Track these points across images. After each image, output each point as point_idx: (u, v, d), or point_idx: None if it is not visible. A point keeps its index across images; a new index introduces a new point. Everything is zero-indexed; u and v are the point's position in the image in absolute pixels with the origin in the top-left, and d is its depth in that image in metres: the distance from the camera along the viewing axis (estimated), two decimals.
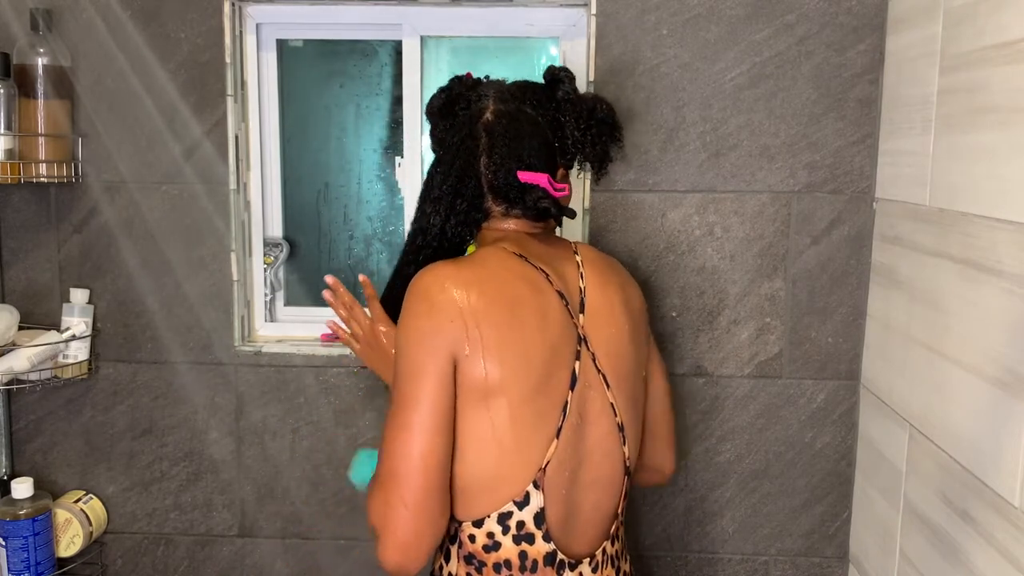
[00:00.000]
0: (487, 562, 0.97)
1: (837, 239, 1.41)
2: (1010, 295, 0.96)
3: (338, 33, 1.55)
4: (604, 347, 1.03)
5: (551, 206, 1.04)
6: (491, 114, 1.05)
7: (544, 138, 1.06)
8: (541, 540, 0.96)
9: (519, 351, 0.94)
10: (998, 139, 0.99)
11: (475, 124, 1.05)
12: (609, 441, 1.02)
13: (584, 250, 1.10)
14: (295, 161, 1.60)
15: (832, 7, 1.36)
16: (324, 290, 1.19)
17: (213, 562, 1.54)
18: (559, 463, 0.96)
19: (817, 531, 1.48)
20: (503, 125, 1.04)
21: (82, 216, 1.46)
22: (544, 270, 1.01)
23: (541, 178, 1.03)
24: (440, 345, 0.92)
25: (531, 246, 1.04)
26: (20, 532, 1.37)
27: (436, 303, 0.93)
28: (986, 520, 1.00)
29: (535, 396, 0.95)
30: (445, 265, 0.97)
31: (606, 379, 1.02)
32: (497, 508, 0.95)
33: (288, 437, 1.50)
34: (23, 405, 1.51)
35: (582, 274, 1.06)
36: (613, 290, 1.07)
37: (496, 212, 1.06)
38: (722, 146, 1.40)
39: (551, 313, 0.98)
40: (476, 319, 0.93)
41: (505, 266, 0.99)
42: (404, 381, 0.93)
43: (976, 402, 1.03)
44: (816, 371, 1.44)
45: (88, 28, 1.42)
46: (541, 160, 1.04)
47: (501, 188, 1.03)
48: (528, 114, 1.07)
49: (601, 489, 1.02)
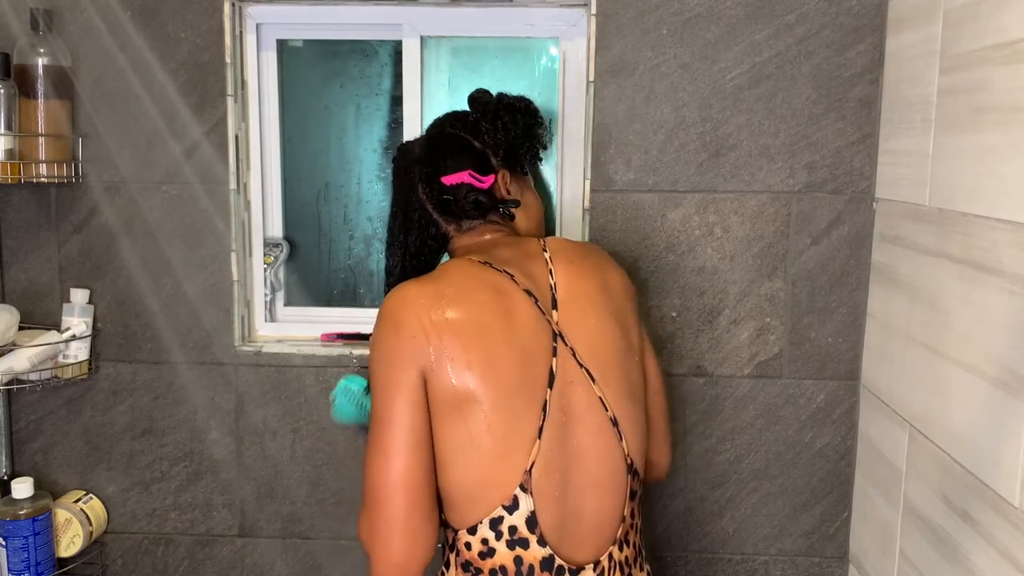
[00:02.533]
0: (483, 569, 0.97)
1: (837, 239, 1.41)
2: (1010, 295, 0.96)
3: (338, 33, 1.55)
4: (584, 340, 1.01)
5: (483, 198, 1.09)
6: (419, 148, 1.16)
7: (463, 145, 1.13)
8: (536, 545, 0.96)
9: (486, 357, 0.95)
10: (998, 139, 0.99)
11: (410, 165, 1.15)
12: (603, 438, 1.00)
13: (554, 243, 1.09)
14: (295, 161, 1.60)
15: (832, 7, 1.36)
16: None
17: (213, 562, 1.54)
18: (545, 464, 0.96)
19: (817, 531, 1.48)
20: (426, 150, 1.14)
21: (82, 216, 1.46)
22: (509, 272, 1.01)
23: (462, 175, 1.09)
24: (407, 362, 0.95)
25: (497, 252, 1.07)
26: (20, 532, 1.37)
27: (400, 321, 0.96)
28: (986, 520, 1.00)
29: (509, 399, 0.95)
30: (408, 284, 1.01)
31: (590, 373, 1.00)
32: (488, 514, 0.96)
33: (288, 437, 1.50)
34: (23, 405, 1.51)
35: (551, 270, 1.05)
36: (588, 278, 1.05)
37: (453, 231, 1.13)
38: (722, 146, 1.40)
39: (519, 314, 0.98)
40: (439, 331, 0.95)
41: (467, 274, 1.01)
42: (378, 403, 0.96)
43: (976, 402, 1.03)
44: (816, 371, 1.44)
45: (88, 28, 1.42)
46: (463, 163, 1.11)
47: (439, 202, 1.11)
48: (447, 133, 1.15)
49: (603, 491, 1.00)
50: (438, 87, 1.56)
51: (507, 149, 1.14)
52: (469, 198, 1.09)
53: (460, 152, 1.12)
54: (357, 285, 1.66)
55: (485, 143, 1.14)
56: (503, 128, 1.14)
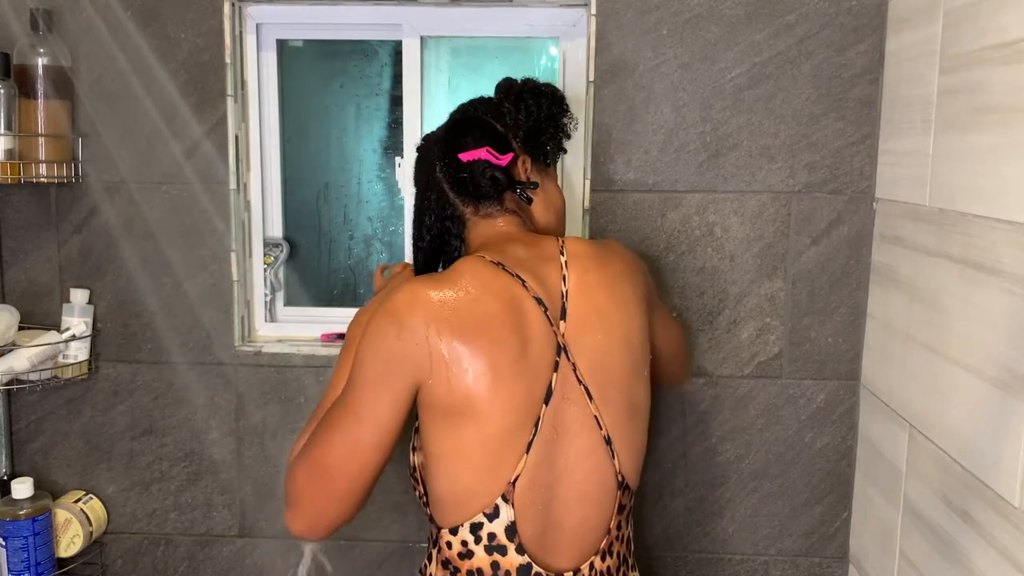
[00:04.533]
0: (461, 568, 0.98)
1: (837, 239, 1.41)
2: (1010, 295, 0.96)
3: (338, 33, 1.55)
4: (588, 355, 0.99)
5: (500, 175, 1.06)
6: (441, 130, 1.14)
7: (484, 126, 1.11)
8: (514, 552, 0.96)
9: (490, 372, 0.92)
10: (998, 139, 0.99)
11: (431, 145, 1.14)
12: (594, 456, 0.98)
13: (573, 244, 1.05)
14: (295, 161, 1.60)
15: (832, 7, 1.36)
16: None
17: (213, 562, 1.54)
18: (530, 479, 0.95)
19: (817, 531, 1.48)
20: (447, 131, 1.12)
21: (82, 216, 1.46)
22: (522, 276, 0.99)
23: (480, 151, 1.07)
24: (404, 370, 0.93)
25: (512, 250, 1.03)
26: (20, 532, 1.37)
27: (405, 325, 0.93)
28: (986, 520, 1.00)
29: (504, 413, 0.93)
30: (421, 283, 0.97)
31: (588, 390, 0.98)
32: (469, 518, 0.96)
33: (288, 437, 1.50)
34: (23, 405, 1.51)
35: (564, 276, 1.02)
36: (602, 290, 1.02)
37: (469, 214, 1.10)
38: (722, 146, 1.40)
39: (525, 326, 0.96)
40: (443, 340, 0.92)
41: (479, 280, 0.97)
42: (361, 390, 0.94)
43: (976, 402, 1.03)
44: (816, 371, 1.44)
45: (88, 28, 1.42)
46: (481, 142, 1.08)
47: (455, 180, 1.08)
48: (470, 115, 1.13)
49: (589, 505, 0.99)
50: (438, 87, 1.57)
51: (528, 132, 1.11)
52: (486, 174, 1.06)
53: (480, 133, 1.09)
54: (357, 285, 1.66)
55: (507, 126, 1.11)
56: (525, 110, 1.11)
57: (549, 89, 1.13)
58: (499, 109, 1.12)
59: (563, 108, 1.14)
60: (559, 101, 1.13)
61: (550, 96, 1.12)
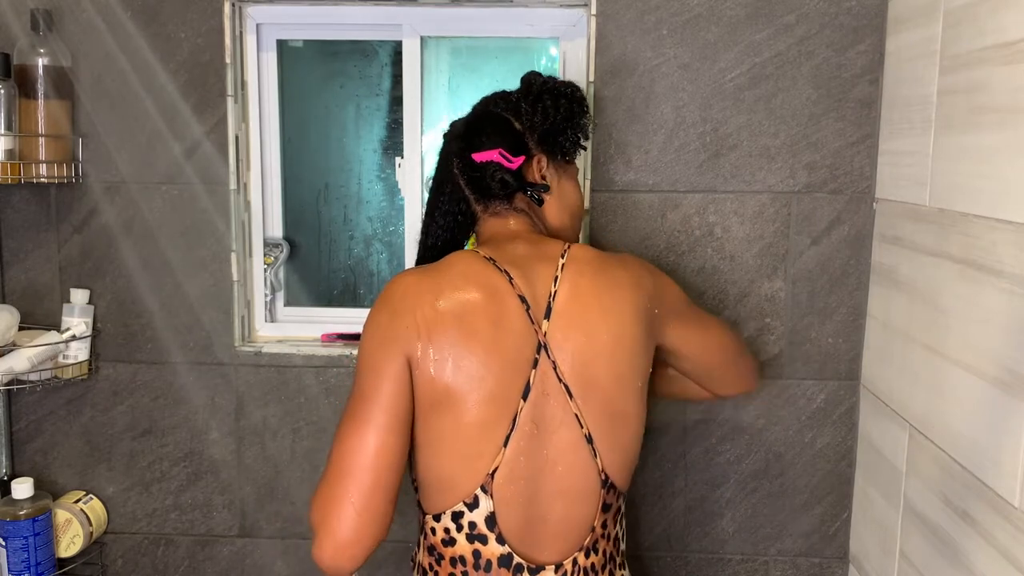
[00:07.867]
0: (444, 555, 1.00)
1: (837, 239, 1.41)
2: (1010, 295, 0.96)
3: (338, 33, 1.55)
4: (569, 355, 0.99)
5: (509, 178, 1.08)
6: (462, 124, 1.15)
7: (502, 124, 1.11)
8: (495, 542, 0.98)
9: (468, 361, 0.96)
10: (998, 139, 0.99)
11: (451, 139, 1.15)
12: (576, 452, 0.99)
13: (577, 251, 1.05)
14: (295, 161, 1.60)
15: (832, 7, 1.36)
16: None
17: (213, 562, 1.54)
18: (509, 472, 0.97)
19: (817, 531, 1.48)
20: (466, 126, 1.13)
21: (82, 216, 1.46)
22: (510, 272, 1.01)
23: (492, 153, 1.08)
24: (399, 348, 0.96)
25: (511, 247, 1.05)
26: (20, 532, 1.37)
27: (397, 309, 0.98)
28: (986, 520, 1.00)
29: (483, 405, 0.96)
30: (412, 273, 1.02)
31: (568, 388, 0.99)
32: (451, 506, 0.99)
33: (288, 437, 1.50)
34: (23, 405, 1.51)
35: (557, 277, 1.02)
36: (595, 296, 1.01)
37: (480, 211, 1.12)
38: (722, 146, 1.40)
39: (506, 321, 0.98)
40: (428, 330, 0.96)
41: (466, 273, 1.01)
42: (363, 378, 0.98)
43: (976, 402, 1.03)
44: (816, 371, 1.44)
45: (88, 28, 1.42)
46: (496, 142, 1.09)
47: (470, 178, 1.10)
48: (490, 111, 1.13)
49: (570, 500, 1.00)
50: (438, 87, 1.57)
51: (544, 132, 1.11)
52: (496, 176, 1.08)
53: (497, 131, 1.10)
54: (357, 285, 1.66)
55: (524, 125, 1.12)
56: (543, 111, 1.11)
57: (568, 89, 1.13)
58: (517, 107, 1.12)
59: (582, 109, 1.14)
60: (578, 101, 1.14)
61: (569, 96, 1.13)
